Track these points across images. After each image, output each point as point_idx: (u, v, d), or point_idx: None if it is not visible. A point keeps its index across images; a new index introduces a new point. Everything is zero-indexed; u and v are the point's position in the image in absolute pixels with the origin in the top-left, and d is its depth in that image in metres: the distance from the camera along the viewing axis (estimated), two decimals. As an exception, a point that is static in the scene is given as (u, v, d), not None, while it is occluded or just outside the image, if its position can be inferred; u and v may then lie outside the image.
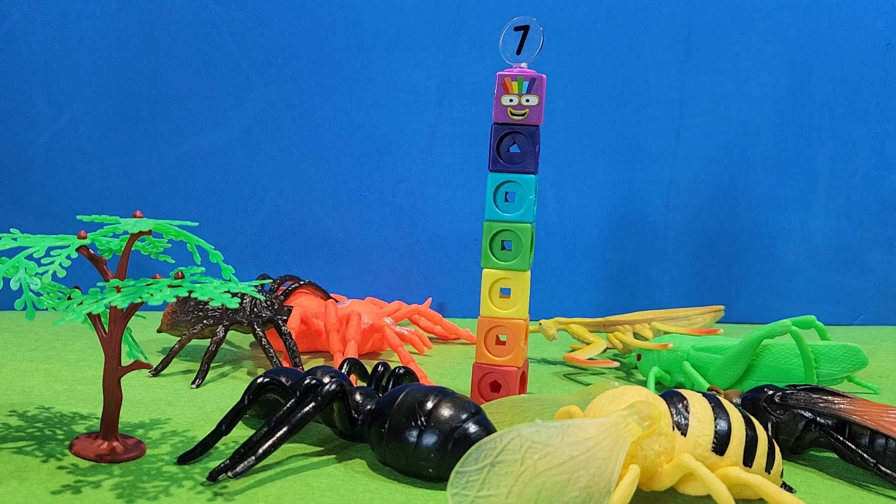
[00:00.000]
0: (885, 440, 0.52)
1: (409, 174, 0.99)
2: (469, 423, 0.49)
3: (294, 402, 0.51)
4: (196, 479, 0.48)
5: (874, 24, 1.01)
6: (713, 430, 0.47)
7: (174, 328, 0.75)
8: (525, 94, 0.62)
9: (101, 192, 0.95)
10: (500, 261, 0.64)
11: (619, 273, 1.02)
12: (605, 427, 0.43)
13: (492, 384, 0.65)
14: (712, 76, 1.01)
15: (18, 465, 0.48)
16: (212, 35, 0.94)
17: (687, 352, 0.72)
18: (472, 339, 0.86)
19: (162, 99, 0.95)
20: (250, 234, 0.98)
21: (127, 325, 0.52)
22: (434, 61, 0.98)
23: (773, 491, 0.45)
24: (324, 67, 0.96)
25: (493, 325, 0.64)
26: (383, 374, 0.59)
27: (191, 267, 0.52)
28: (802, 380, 0.69)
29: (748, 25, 1.01)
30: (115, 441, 0.51)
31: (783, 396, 0.56)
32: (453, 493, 0.40)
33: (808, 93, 1.02)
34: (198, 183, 0.96)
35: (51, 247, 0.48)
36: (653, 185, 1.02)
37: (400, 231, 1.00)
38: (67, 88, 0.93)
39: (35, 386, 0.64)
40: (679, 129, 1.02)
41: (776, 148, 1.02)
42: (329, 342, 0.75)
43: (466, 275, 0.96)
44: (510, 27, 0.62)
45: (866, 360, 0.70)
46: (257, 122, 0.97)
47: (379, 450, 0.51)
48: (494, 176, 0.63)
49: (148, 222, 0.50)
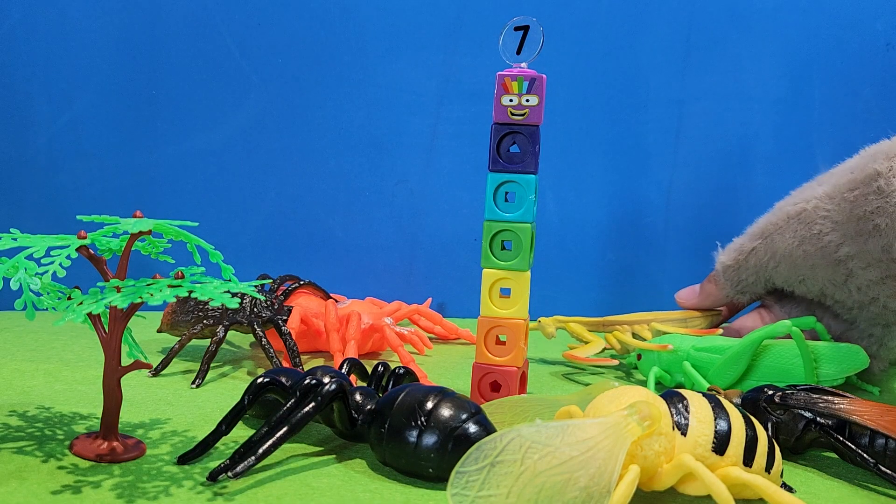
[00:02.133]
0: (885, 440, 0.53)
1: (409, 174, 0.99)
2: (469, 423, 0.49)
3: (294, 402, 0.51)
4: (196, 479, 0.48)
5: (874, 24, 1.01)
6: (713, 430, 0.47)
7: (174, 328, 0.75)
8: (525, 94, 0.62)
9: (101, 192, 0.95)
10: (500, 261, 0.64)
11: (619, 273, 1.02)
12: (605, 427, 0.44)
13: (492, 384, 0.65)
14: (712, 76, 1.01)
15: (18, 465, 0.48)
16: (212, 35, 0.94)
17: (687, 352, 0.72)
18: (472, 339, 0.86)
19: (162, 99, 0.95)
20: (250, 234, 0.98)
21: (127, 325, 0.52)
22: (434, 61, 0.98)
23: (773, 491, 0.45)
24: (324, 67, 0.97)
25: (493, 325, 0.64)
26: (383, 374, 0.59)
27: (191, 267, 0.52)
28: (802, 380, 0.69)
29: (748, 25, 1.01)
30: (115, 441, 0.51)
31: (783, 396, 0.56)
32: (453, 493, 0.40)
33: (808, 93, 1.02)
34: (198, 183, 0.96)
35: (51, 247, 0.48)
36: (653, 185, 1.02)
37: (400, 231, 1.00)
38: (67, 88, 0.93)
39: (35, 386, 0.64)
40: (679, 129, 1.02)
41: (776, 148, 1.02)
42: (329, 342, 0.75)
43: (466, 275, 0.96)
44: (510, 27, 0.62)
45: (867, 361, 0.70)
46: (257, 122, 0.97)
47: (379, 450, 0.51)
48: (494, 176, 0.63)
49: (148, 222, 0.50)
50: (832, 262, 0.73)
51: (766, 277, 0.79)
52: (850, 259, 0.72)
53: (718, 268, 0.82)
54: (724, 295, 0.83)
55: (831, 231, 0.73)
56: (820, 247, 0.73)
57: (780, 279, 0.78)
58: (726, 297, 0.83)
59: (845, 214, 0.71)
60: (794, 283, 0.77)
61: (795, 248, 0.75)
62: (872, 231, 0.70)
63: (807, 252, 0.74)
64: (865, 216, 0.70)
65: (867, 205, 0.70)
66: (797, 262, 0.75)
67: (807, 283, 0.76)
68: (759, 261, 0.78)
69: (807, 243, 0.74)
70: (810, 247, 0.74)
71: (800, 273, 0.76)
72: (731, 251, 0.81)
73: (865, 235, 0.70)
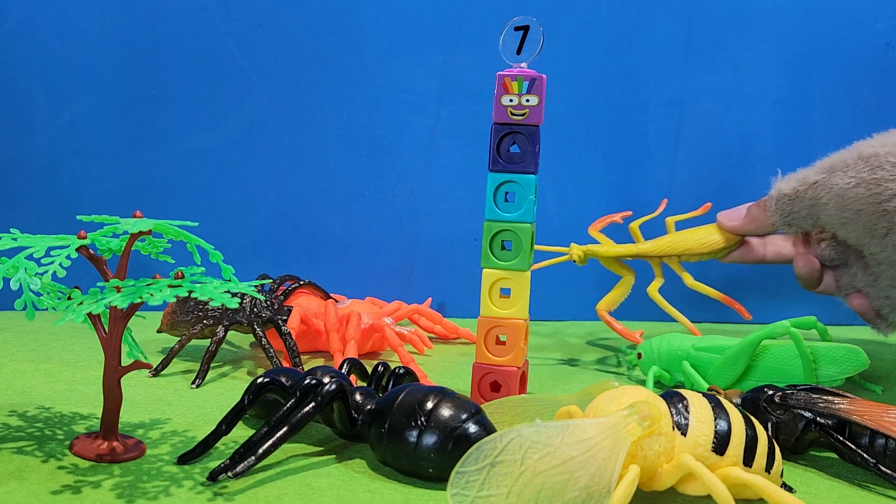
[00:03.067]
0: (885, 440, 0.53)
1: (409, 174, 0.99)
2: (469, 423, 0.49)
3: (294, 402, 0.51)
4: (196, 479, 0.48)
5: (874, 24, 1.01)
6: (713, 430, 0.47)
7: (174, 328, 0.75)
8: (525, 94, 0.62)
9: (101, 192, 0.95)
10: (500, 261, 0.64)
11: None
12: (605, 427, 0.44)
13: (492, 384, 0.65)
14: (712, 76, 1.01)
15: (18, 465, 0.48)
16: (212, 35, 0.94)
17: (687, 351, 0.72)
18: (472, 339, 0.86)
19: (162, 99, 0.95)
20: (250, 234, 0.98)
21: (127, 325, 0.52)
22: (434, 61, 0.98)
23: (773, 491, 0.45)
24: (324, 67, 0.96)
25: (493, 325, 0.64)
26: (383, 374, 0.59)
27: (191, 267, 0.52)
28: (802, 380, 0.69)
29: (748, 25, 1.01)
30: (115, 441, 0.51)
31: (783, 396, 0.56)
32: (453, 494, 0.40)
33: (808, 93, 1.02)
34: (198, 183, 0.96)
35: (51, 247, 0.48)
36: (653, 185, 1.02)
37: (400, 231, 1.00)
38: (67, 88, 0.93)
39: (35, 386, 0.64)
40: (679, 129, 1.02)
41: (776, 148, 1.02)
42: (329, 342, 0.75)
43: (466, 275, 0.96)
44: (510, 27, 0.62)
45: (867, 362, 0.69)
46: (257, 122, 0.97)
47: (379, 450, 0.51)
48: (494, 176, 0.63)
49: (148, 222, 0.50)
50: (879, 210, 0.72)
51: (816, 213, 0.77)
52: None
53: (773, 193, 0.80)
54: (771, 223, 0.80)
55: (891, 179, 0.71)
56: (875, 192, 0.72)
57: (826, 217, 0.76)
58: (772, 225, 0.81)
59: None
60: (837, 225, 0.76)
61: (852, 187, 0.73)
62: None
63: (859, 195, 0.73)
64: None
65: None
66: (846, 202, 0.74)
67: (847, 227, 0.75)
68: (816, 194, 0.76)
69: (863, 185, 0.73)
70: (865, 190, 0.72)
71: (845, 214, 0.74)
72: (792, 179, 0.79)
73: None
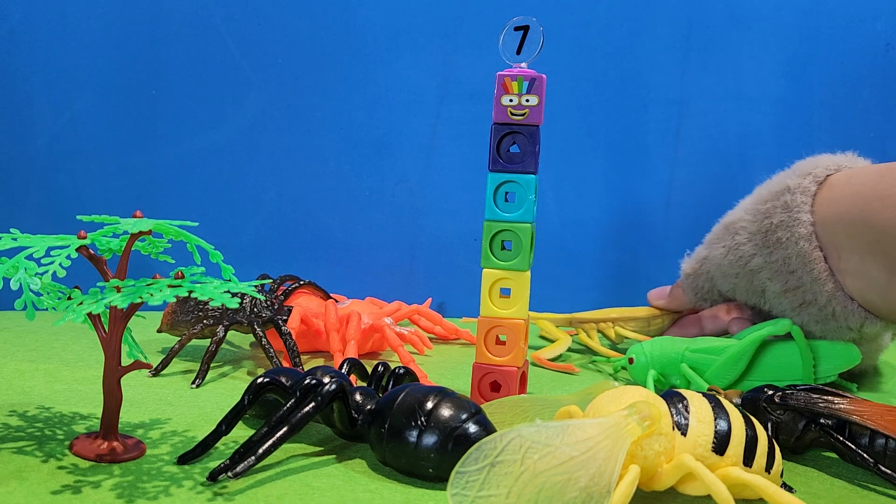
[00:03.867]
0: (885, 440, 0.53)
1: (409, 174, 0.99)
2: (469, 423, 0.49)
3: (294, 402, 0.51)
4: (196, 479, 0.48)
5: (874, 24, 1.01)
6: (713, 430, 0.47)
7: (174, 328, 0.75)
8: (525, 94, 0.62)
9: (101, 192, 0.95)
10: (500, 261, 0.64)
11: (619, 273, 1.02)
12: (605, 427, 0.44)
13: (492, 384, 0.65)
14: (712, 76, 1.01)
15: (18, 465, 0.48)
16: (212, 35, 0.94)
17: (682, 354, 0.72)
18: (471, 340, 0.86)
19: (162, 99, 0.95)
20: (250, 234, 0.98)
21: (127, 325, 0.52)
22: (434, 61, 0.98)
23: (773, 491, 0.45)
24: (324, 67, 0.96)
25: (493, 325, 0.64)
26: (383, 374, 0.59)
27: (191, 267, 0.52)
28: (799, 378, 0.69)
29: (748, 25, 1.01)
30: (115, 441, 0.51)
31: (783, 396, 0.56)
32: (453, 494, 0.40)
33: (808, 93, 1.02)
34: (198, 183, 0.96)
35: (51, 247, 0.48)
36: (653, 185, 1.02)
37: (400, 231, 1.00)
38: (67, 88, 0.93)
39: (35, 386, 0.64)
40: (679, 129, 1.02)
41: (776, 148, 1.02)
42: (329, 342, 0.75)
43: (466, 275, 0.96)
44: (510, 27, 0.62)
45: (859, 357, 0.70)
46: (257, 122, 0.97)
47: (379, 450, 0.51)
48: (494, 176, 0.63)
49: (148, 222, 0.50)
50: (747, 272, 0.74)
51: (715, 286, 0.80)
52: (760, 270, 0.73)
53: (681, 275, 0.83)
54: (688, 301, 0.84)
55: (747, 241, 0.74)
56: (739, 257, 0.74)
57: (722, 287, 0.79)
58: (690, 302, 0.84)
59: (756, 225, 0.73)
60: (732, 292, 0.78)
61: (724, 257, 0.76)
62: (776, 244, 0.71)
63: (731, 261, 0.75)
64: (771, 228, 0.71)
65: (773, 217, 0.71)
66: (725, 270, 0.77)
67: (738, 292, 0.77)
68: (707, 268, 0.79)
69: (731, 253, 0.75)
70: (733, 257, 0.75)
71: (730, 281, 0.77)
72: (692, 259, 0.82)
73: (770, 247, 0.71)
